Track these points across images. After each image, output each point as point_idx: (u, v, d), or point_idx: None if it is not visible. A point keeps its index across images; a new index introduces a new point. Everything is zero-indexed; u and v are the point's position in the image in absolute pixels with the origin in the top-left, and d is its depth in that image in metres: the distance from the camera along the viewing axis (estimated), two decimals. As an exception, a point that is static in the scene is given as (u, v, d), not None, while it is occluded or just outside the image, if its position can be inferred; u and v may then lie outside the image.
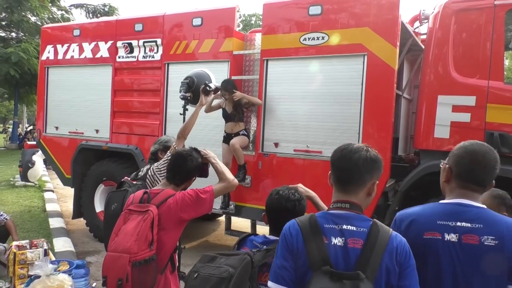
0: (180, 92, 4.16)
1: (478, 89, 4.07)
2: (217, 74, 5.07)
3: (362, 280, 1.38)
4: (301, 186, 2.27)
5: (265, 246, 2.01)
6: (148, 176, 3.24)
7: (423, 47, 4.98)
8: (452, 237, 1.60)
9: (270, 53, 5.15)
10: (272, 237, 2.10)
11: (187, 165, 2.69)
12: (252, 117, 5.51)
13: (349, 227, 1.51)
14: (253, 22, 30.77)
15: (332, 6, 4.73)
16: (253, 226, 5.24)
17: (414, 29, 5.42)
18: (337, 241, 1.49)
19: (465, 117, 4.10)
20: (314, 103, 4.84)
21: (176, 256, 2.68)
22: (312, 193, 2.31)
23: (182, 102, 4.18)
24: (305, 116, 4.90)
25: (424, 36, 5.18)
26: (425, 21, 5.27)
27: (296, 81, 4.98)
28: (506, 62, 17.43)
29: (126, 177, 3.25)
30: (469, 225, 1.59)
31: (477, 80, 4.09)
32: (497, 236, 1.54)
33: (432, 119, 4.26)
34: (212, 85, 3.96)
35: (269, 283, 1.57)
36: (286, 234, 1.59)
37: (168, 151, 3.32)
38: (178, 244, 3.71)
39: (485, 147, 1.70)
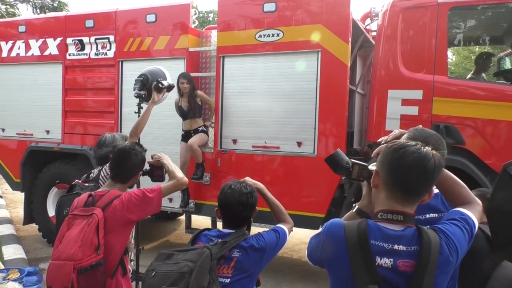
0: (134, 90, 4.07)
1: (424, 84, 4.28)
2: (173, 71, 5.01)
3: None
4: (249, 179, 2.30)
5: (220, 240, 2.03)
6: (101, 177, 3.14)
7: (374, 43, 5.16)
8: None
9: (226, 50, 5.15)
10: (227, 230, 2.12)
11: (131, 160, 2.60)
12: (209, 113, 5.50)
13: (400, 247, 1.36)
14: (210, 19, 30.53)
15: (286, 3, 4.80)
16: (214, 224, 5.23)
17: (365, 26, 5.61)
18: (383, 262, 1.35)
19: (414, 110, 4.30)
20: (271, 99, 4.90)
21: (127, 259, 2.61)
22: (260, 185, 2.34)
23: (137, 100, 4.09)
24: (262, 112, 4.95)
25: (374, 33, 5.37)
26: (375, 18, 5.46)
27: (252, 78, 5.02)
28: (454, 57, 18.43)
29: (77, 180, 3.14)
30: None
31: (423, 75, 4.30)
32: None
33: (383, 112, 4.43)
34: (165, 83, 3.91)
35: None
36: (331, 234, 1.48)
37: None
38: (137, 246, 3.66)
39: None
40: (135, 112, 4.04)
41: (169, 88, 4.00)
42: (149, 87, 4.07)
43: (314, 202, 4.67)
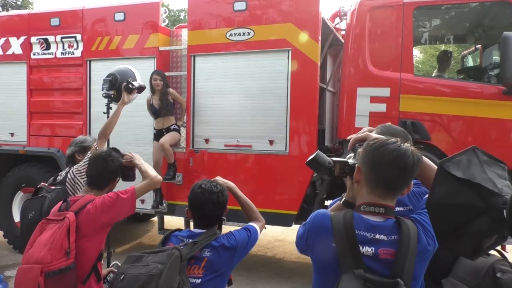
0: (102, 90, 3.99)
1: (391, 81, 4.39)
2: (144, 70, 4.95)
3: (401, 287, 1.34)
4: (219, 178, 2.30)
5: (191, 240, 2.02)
6: (68, 179, 3.06)
7: (343, 42, 5.25)
8: None
9: (197, 49, 5.12)
10: (198, 230, 2.11)
11: (108, 167, 2.58)
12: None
13: (381, 236, 1.44)
14: (182, 17, 30.20)
15: (257, 2, 4.81)
16: (187, 224, 5.18)
17: (335, 25, 5.69)
18: (365, 250, 1.42)
19: (382, 107, 4.40)
20: (243, 98, 4.91)
21: (101, 265, 2.56)
22: (231, 184, 2.35)
23: (106, 100, 4.01)
24: (234, 111, 4.95)
25: (344, 32, 5.46)
26: (344, 17, 5.55)
27: (224, 77, 5.01)
28: (422, 55, 18.95)
29: (42, 183, 3.05)
30: None
31: (390, 73, 4.41)
32: None
33: (352, 110, 4.52)
34: (136, 83, 3.85)
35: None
36: (317, 224, 1.54)
37: (89, 152, 3.17)
38: (107, 250, 3.58)
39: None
40: (104, 113, 3.97)
41: (140, 89, 3.95)
42: (118, 87, 4.00)
43: (286, 199, 4.71)
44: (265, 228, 4.58)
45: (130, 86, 3.72)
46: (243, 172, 4.89)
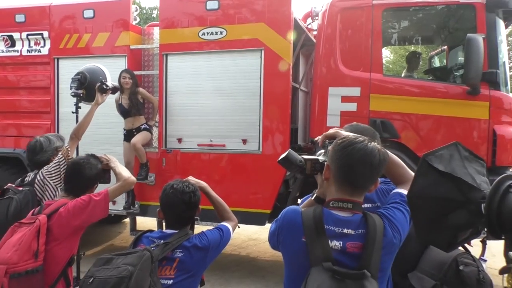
0: (71, 89, 3.90)
1: (362, 81, 4.48)
2: (114, 69, 4.88)
3: (367, 278, 1.38)
4: (192, 178, 2.30)
5: (162, 241, 2.00)
6: (37, 181, 2.97)
7: (315, 42, 5.31)
8: None
9: (169, 47, 5.06)
10: (169, 231, 2.10)
11: (86, 174, 2.55)
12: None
13: (349, 231, 1.48)
14: (154, 15, 29.76)
15: (230, 1, 4.81)
16: (160, 225, 5.11)
17: (307, 25, 5.75)
18: (333, 244, 1.46)
19: (352, 107, 4.49)
20: (216, 97, 4.90)
21: (71, 271, 2.52)
22: (203, 184, 2.36)
23: (74, 99, 3.92)
24: (207, 110, 4.93)
25: (316, 32, 5.53)
26: (316, 18, 5.62)
27: (197, 76, 4.98)
28: (392, 56, 19.38)
29: (10, 184, 2.94)
30: None
31: (361, 73, 4.50)
32: None
33: (324, 109, 4.58)
34: (110, 84, 3.79)
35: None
36: (288, 219, 1.57)
37: (60, 153, 3.08)
38: (77, 252, 3.49)
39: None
40: (73, 112, 3.89)
41: (114, 90, 3.90)
42: (87, 86, 3.93)
43: (260, 198, 4.73)
44: (239, 227, 4.57)
45: (104, 86, 3.67)
46: (216, 172, 4.88)
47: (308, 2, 7.30)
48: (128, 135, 5.04)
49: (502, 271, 1.22)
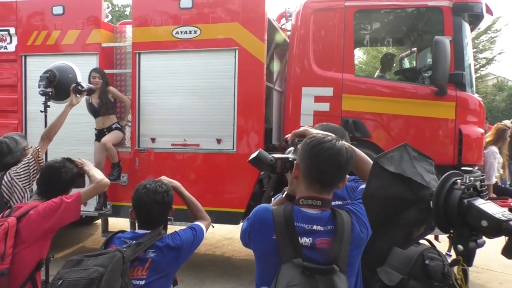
0: (39, 87, 3.79)
1: (334, 81, 4.56)
2: (85, 67, 4.79)
3: (336, 273, 1.41)
4: (164, 178, 2.29)
5: (134, 241, 1.99)
6: (4, 182, 2.88)
7: (289, 42, 5.36)
8: None
9: (142, 46, 5.00)
10: (142, 231, 2.08)
11: (62, 178, 2.51)
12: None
13: (318, 227, 1.51)
14: (127, 13, 29.23)
15: (203, 0, 4.78)
16: (133, 226, 5.05)
17: (281, 25, 5.80)
18: (303, 241, 1.48)
19: (325, 106, 4.56)
20: (190, 97, 4.87)
21: (40, 275, 2.46)
22: (176, 183, 2.34)
23: (43, 98, 3.81)
24: (181, 110, 4.90)
25: (290, 32, 5.58)
26: (290, 18, 5.67)
27: (170, 75, 4.94)
28: (365, 57, 19.76)
29: (-27, 185, 2.84)
30: None
31: (333, 73, 4.58)
32: None
33: (298, 109, 4.64)
34: (85, 85, 3.72)
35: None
36: (259, 218, 1.60)
37: (29, 154, 3.00)
38: (48, 257, 3.40)
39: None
40: (41, 111, 3.78)
41: (90, 91, 3.84)
42: (56, 84, 3.83)
43: (234, 198, 4.74)
44: (213, 227, 4.56)
45: (80, 88, 3.60)
46: (191, 172, 4.85)
47: (282, 2, 7.37)
48: (99, 134, 4.95)
49: (452, 263, 1.28)
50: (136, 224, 2.20)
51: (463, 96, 4.41)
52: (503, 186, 7.29)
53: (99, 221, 6.62)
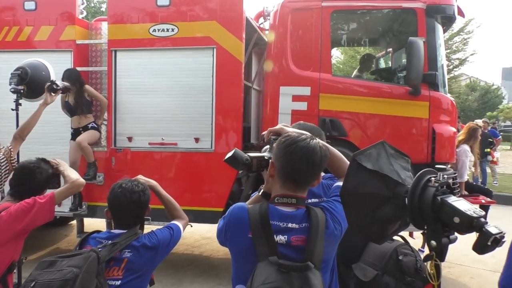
0: (10, 84, 3.69)
1: (312, 81, 4.60)
2: (59, 65, 4.70)
3: (311, 270, 1.43)
4: (141, 177, 2.27)
5: (110, 241, 1.96)
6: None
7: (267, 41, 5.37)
8: None
9: (118, 43, 4.92)
10: (118, 231, 2.06)
11: (36, 179, 2.46)
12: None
13: (293, 225, 1.53)
14: (103, 9, 28.65)
15: (181, -2, 4.75)
16: (109, 226, 4.97)
17: (259, 24, 5.80)
18: (279, 238, 1.50)
19: (303, 106, 4.60)
20: (168, 95, 4.82)
21: (12, 277, 2.39)
22: (153, 182, 2.33)
23: (14, 96, 3.71)
24: (159, 108, 4.84)
25: (268, 32, 5.59)
26: (268, 17, 5.68)
27: (148, 73, 4.88)
28: (342, 57, 19.99)
29: None
30: None
31: (311, 73, 4.62)
32: None
33: (276, 108, 4.66)
34: (60, 84, 3.64)
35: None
36: (234, 216, 1.60)
37: (1, 154, 2.92)
38: (20, 258, 3.32)
39: None
40: (13, 109, 3.69)
41: (65, 90, 3.75)
42: (29, 82, 3.74)
43: (213, 197, 4.72)
44: (191, 226, 4.53)
45: (55, 86, 3.52)
46: (169, 171, 4.81)
47: (260, 1, 7.37)
48: (75, 133, 4.85)
49: (426, 259, 1.32)
50: (112, 224, 2.17)
51: (436, 96, 4.52)
52: (474, 183, 7.55)
53: (74, 222, 6.49)
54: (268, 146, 1.78)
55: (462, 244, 1.46)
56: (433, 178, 1.36)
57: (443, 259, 1.30)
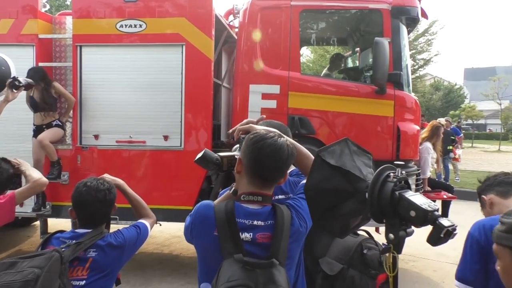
0: (-32, 80, 3.51)
1: (281, 79, 4.64)
2: (21, 60, 4.53)
3: (276, 266, 1.43)
4: (107, 176, 2.23)
5: (74, 241, 1.92)
6: None
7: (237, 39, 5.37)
8: None
9: (84, 38, 4.79)
10: (82, 231, 2.02)
11: None
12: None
13: (259, 222, 1.53)
14: (68, 3, 27.73)
15: (148, -7, 4.67)
16: (75, 226, 4.84)
17: (229, 22, 5.79)
18: (244, 236, 1.50)
19: (272, 104, 4.63)
20: (136, 92, 4.74)
21: None
22: (120, 181, 2.29)
23: (-28, 92, 3.55)
24: (126, 105, 4.75)
25: (238, 29, 5.59)
26: (238, 15, 5.68)
27: (115, 70, 4.78)
28: (312, 55, 20.23)
29: None
30: None
31: (280, 71, 4.67)
32: None
33: (245, 106, 4.67)
34: (22, 80, 3.50)
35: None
36: (200, 214, 1.59)
37: None
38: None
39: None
40: (-29, 106, 3.51)
41: (28, 86, 3.61)
42: (-12, 78, 3.57)
43: (183, 195, 4.68)
44: (160, 225, 4.48)
45: (17, 83, 3.38)
46: (137, 169, 4.73)
47: (230, -1, 7.36)
48: (38, 130, 4.69)
49: (384, 251, 1.38)
50: (77, 224, 2.12)
51: (401, 95, 4.67)
52: (437, 179, 7.84)
53: (37, 223, 6.28)
54: (238, 146, 1.78)
55: (426, 239, 1.52)
56: (392, 174, 1.41)
57: (400, 252, 1.36)
